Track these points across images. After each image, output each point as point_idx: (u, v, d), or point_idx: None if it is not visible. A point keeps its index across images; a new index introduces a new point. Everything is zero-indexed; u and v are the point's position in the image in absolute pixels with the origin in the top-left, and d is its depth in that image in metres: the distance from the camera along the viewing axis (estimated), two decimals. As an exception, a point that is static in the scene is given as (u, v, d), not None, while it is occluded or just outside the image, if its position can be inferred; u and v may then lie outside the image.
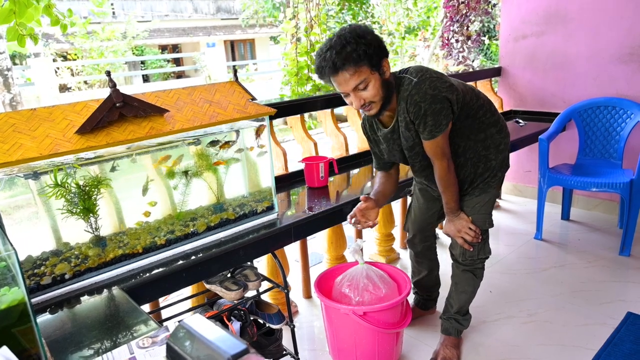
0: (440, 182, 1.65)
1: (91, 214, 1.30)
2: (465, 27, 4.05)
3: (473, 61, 4.23)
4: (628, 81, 2.95)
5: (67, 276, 1.27)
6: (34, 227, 1.26)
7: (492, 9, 5.75)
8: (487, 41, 7.55)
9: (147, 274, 1.35)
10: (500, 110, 3.59)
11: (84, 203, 1.27)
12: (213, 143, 1.54)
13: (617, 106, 2.92)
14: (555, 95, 3.33)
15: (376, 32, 1.54)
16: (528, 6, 3.33)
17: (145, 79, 15.82)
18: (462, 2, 4.45)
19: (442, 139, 1.54)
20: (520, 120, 3.37)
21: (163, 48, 17.39)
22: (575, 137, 3.10)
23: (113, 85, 1.29)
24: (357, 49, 1.37)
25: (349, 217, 1.74)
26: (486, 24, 6.96)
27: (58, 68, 11.39)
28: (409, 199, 2.10)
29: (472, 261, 1.78)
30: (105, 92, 1.30)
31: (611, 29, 2.96)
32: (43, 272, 1.24)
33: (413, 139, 1.58)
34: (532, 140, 3.02)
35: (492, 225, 1.75)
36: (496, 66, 3.64)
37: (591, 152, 3.04)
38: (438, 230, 2.90)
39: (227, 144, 1.56)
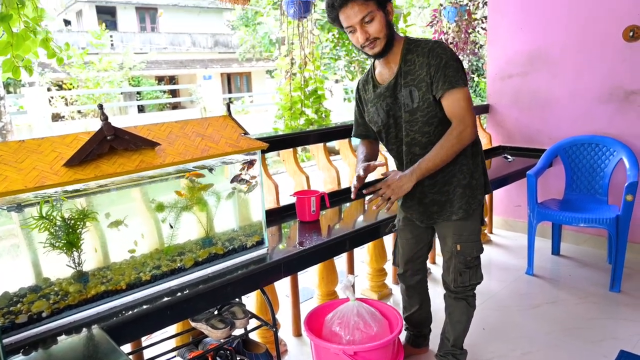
0: (445, 140, 1.54)
1: (74, 248, 1.26)
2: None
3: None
4: (609, 120, 3.06)
5: (44, 314, 1.22)
6: (13, 261, 1.22)
7: (479, 50, 5.95)
8: (476, 79, 7.75)
9: (130, 312, 1.31)
10: (488, 146, 3.66)
11: (68, 237, 1.24)
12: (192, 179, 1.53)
13: (600, 144, 3.00)
14: (542, 132, 3.41)
15: None
16: (513, 48, 3.45)
17: (141, 109, 15.93)
18: (451, 43, 4.60)
19: (465, 92, 1.53)
20: (509, 156, 3.43)
21: (160, 79, 17.63)
22: (562, 173, 3.16)
23: (105, 118, 1.29)
24: None
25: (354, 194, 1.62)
26: (475, 63, 7.16)
27: (52, 97, 11.45)
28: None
29: (464, 288, 1.77)
30: (99, 122, 1.29)
31: (592, 71, 3.09)
32: (19, 309, 1.19)
33: (420, 98, 1.56)
34: (521, 175, 3.05)
35: (481, 251, 1.75)
36: (484, 103, 3.72)
37: (578, 188, 3.08)
38: (429, 264, 2.88)
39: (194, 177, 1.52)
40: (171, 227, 1.47)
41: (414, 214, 1.81)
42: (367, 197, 1.61)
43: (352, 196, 1.62)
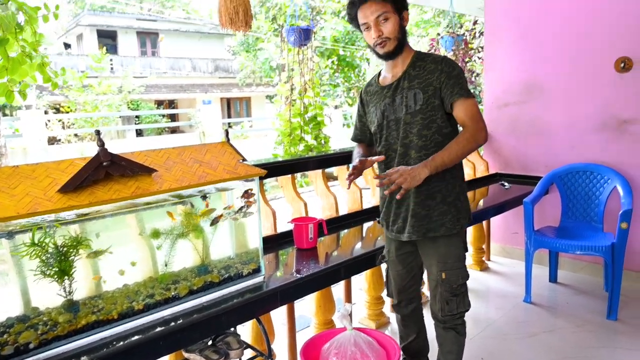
0: (461, 137, 1.58)
1: (66, 276, 1.23)
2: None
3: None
4: (603, 148, 3.09)
5: (32, 345, 1.18)
6: (1, 289, 1.19)
7: (476, 78, 6.06)
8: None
9: (121, 343, 1.27)
10: (486, 173, 3.68)
11: (60, 264, 1.21)
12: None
13: (595, 171, 3.02)
14: (538, 160, 3.44)
15: None
16: (509, 77, 3.51)
17: (139, 133, 15.96)
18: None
19: (476, 102, 1.62)
20: (506, 183, 3.44)
21: (159, 103, 17.75)
22: (558, 201, 3.16)
23: (102, 143, 1.28)
24: None
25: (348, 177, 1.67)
26: (472, 90, 7.31)
27: (49, 120, 11.46)
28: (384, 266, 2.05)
29: (451, 317, 1.74)
30: (96, 147, 1.28)
31: (586, 100, 3.14)
32: (6, 340, 1.15)
33: (424, 101, 1.61)
34: (518, 202, 3.05)
35: (466, 278, 1.74)
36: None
37: (573, 215, 3.09)
38: (424, 290, 2.84)
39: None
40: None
41: (398, 222, 1.76)
42: (377, 181, 1.60)
43: (347, 187, 1.69)
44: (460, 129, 1.67)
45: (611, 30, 2.97)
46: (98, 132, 1.32)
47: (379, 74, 1.81)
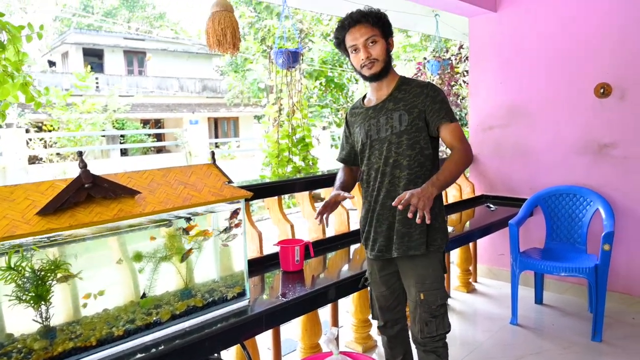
0: (456, 155, 1.65)
1: (43, 301, 1.19)
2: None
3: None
4: (586, 171, 3.15)
5: (6, 374, 1.13)
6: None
7: (461, 101, 6.17)
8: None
9: (99, 371, 1.22)
10: (471, 195, 3.70)
11: (37, 289, 1.17)
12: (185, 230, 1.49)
13: (578, 194, 3.07)
14: (522, 182, 3.48)
15: None
16: (494, 101, 3.59)
17: (124, 152, 15.79)
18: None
19: (460, 126, 1.69)
20: (491, 205, 3.47)
21: (145, 122, 17.62)
22: (542, 222, 3.20)
23: (83, 165, 1.25)
24: (377, 16, 1.67)
25: (317, 215, 1.76)
26: (458, 113, 7.43)
27: (30, 139, 11.26)
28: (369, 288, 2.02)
29: (431, 339, 1.72)
30: (78, 167, 1.26)
31: (567, 125, 3.22)
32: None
33: (409, 123, 1.66)
34: (504, 224, 3.08)
35: (445, 299, 1.74)
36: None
37: (558, 237, 3.12)
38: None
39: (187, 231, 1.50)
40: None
41: (379, 240, 1.75)
42: (399, 206, 1.54)
43: (315, 217, 1.76)
44: (448, 150, 1.72)
45: (592, 57, 3.06)
46: (80, 154, 1.30)
47: (364, 96, 1.85)
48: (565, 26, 3.16)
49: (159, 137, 17.47)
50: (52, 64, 19.63)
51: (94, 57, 18.65)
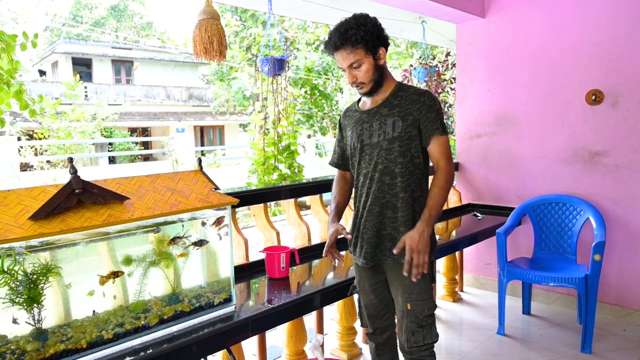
0: (442, 181, 1.65)
1: (35, 304, 1.21)
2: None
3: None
4: (574, 180, 3.12)
5: (-3, 375, 1.15)
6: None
7: (448, 109, 6.20)
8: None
9: (88, 373, 1.24)
10: (458, 204, 3.72)
11: (30, 292, 1.19)
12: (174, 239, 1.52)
13: (567, 203, 3.04)
14: (510, 191, 3.47)
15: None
16: (481, 109, 3.57)
17: (112, 160, 15.72)
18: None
19: (448, 140, 1.69)
20: (479, 214, 3.46)
21: (133, 130, 17.58)
22: (531, 232, 3.17)
23: (74, 171, 1.29)
24: (356, 33, 1.57)
25: (325, 253, 1.80)
26: (445, 121, 7.51)
27: (22, 147, 11.21)
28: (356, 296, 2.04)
29: (418, 348, 1.72)
30: (68, 174, 1.29)
31: (556, 132, 3.17)
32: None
33: (402, 129, 1.65)
34: (491, 233, 3.07)
35: (433, 309, 1.74)
36: (454, 161, 3.84)
37: (546, 247, 3.09)
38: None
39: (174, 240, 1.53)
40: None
41: (365, 247, 1.76)
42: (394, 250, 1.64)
43: (324, 254, 1.78)
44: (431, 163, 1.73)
45: (583, 64, 3.01)
46: (71, 159, 1.33)
47: (360, 99, 1.83)
48: (555, 33, 3.11)
49: (146, 145, 17.42)
50: (42, 73, 19.56)
51: (82, 67, 18.62)
